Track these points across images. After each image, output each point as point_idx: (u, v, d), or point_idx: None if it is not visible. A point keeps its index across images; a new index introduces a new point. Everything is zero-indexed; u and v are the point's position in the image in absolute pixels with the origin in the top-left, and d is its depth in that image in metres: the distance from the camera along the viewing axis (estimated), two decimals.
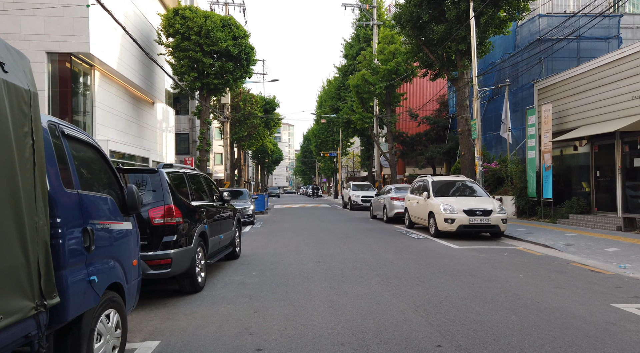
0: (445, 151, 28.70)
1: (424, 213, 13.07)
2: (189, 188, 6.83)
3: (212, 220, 7.44)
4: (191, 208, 6.50)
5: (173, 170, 6.52)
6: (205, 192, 7.75)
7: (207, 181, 8.12)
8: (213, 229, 7.42)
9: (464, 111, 16.40)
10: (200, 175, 7.82)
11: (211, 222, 7.34)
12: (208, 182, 8.20)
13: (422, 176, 14.52)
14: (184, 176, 6.83)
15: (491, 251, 9.84)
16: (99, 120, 18.01)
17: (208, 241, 6.99)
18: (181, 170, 6.88)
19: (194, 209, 6.58)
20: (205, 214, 7.05)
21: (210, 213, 7.41)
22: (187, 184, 6.84)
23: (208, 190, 7.91)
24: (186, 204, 6.36)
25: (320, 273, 7.58)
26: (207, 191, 7.84)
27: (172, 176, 6.38)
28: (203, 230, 6.71)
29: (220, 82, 22.27)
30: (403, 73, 25.34)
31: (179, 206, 6.01)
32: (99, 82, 18.12)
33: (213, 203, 7.87)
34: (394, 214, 16.73)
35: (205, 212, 7.03)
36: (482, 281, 6.77)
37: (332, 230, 14.78)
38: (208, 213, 7.23)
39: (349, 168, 64.78)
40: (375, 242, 11.40)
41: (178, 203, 6.05)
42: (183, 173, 6.85)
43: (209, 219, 7.23)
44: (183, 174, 6.84)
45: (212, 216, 7.44)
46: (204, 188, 7.72)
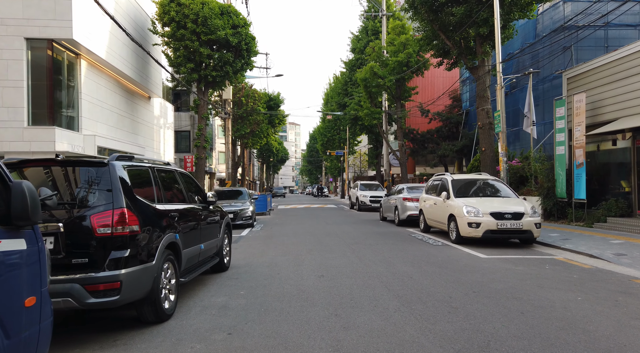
0: (459, 148, 27.07)
1: (442, 216, 11.53)
2: (156, 187, 5.37)
3: (189, 227, 5.97)
4: (157, 213, 5.03)
5: (133, 163, 5.05)
6: (182, 192, 6.28)
7: (185, 179, 6.65)
8: (189, 238, 5.95)
9: (485, 102, 14.81)
10: (175, 171, 6.34)
11: (187, 229, 5.87)
12: (187, 180, 6.73)
13: (439, 175, 12.98)
14: (149, 171, 5.36)
15: (527, 262, 8.29)
16: (85, 114, 16.64)
17: (181, 254, 5.52)
18: (146, 164, 5.41)
19: (160, 213, 5.12)
20: (179, 220, 5.58)
21: (187, 219, 5.95)
22: (154, 182, 5.37)
23: (186, 190, 6.44)
24: (149, 207, 4.89)
25: (323, 292, 6.08)
26: (185, 190, 6.37)
27: (132, 171, 4.91)
28: (173, 240, 5.23)
29: (219, 75, 20.82)
30: (414, 65, 23.76)
31: (136, 211, 4.55)
32: (85, 73, 16.74)
33: (193, 205, 6.41)
34: (406, 216, 15.19)
35: (178, 217, 5.57)
36: (533, 307, 5.23)
37: (338, 234, 13.28)
38: (183, 219, 5.76)
39: (355, 167, 63.21)
40: (388, 250, 9.88)
41: (135, 206, 4.59)
42: (148, 168, 5.37)
43: (184, 226, 5.76)
44: (148, 169, 5.36)
45: (189, 222, 5.97)
46: (179, 187, 6.25)
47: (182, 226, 5.69)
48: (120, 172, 4.61)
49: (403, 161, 25.95)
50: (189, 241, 5.90)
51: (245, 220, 15.88)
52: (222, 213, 7.91)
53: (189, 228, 5.96)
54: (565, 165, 14.02)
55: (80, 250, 4.22)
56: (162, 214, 5.17)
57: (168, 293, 5.11)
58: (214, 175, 46.18)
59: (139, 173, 5.15)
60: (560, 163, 14.21)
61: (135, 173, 5.03)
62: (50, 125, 14.63)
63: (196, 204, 6.64)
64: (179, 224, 5.56)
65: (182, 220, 5.71)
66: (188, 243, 5.86)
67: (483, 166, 14.95)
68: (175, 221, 5.48)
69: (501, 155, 13.32)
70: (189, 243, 5.89)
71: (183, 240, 5.63)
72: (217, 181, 47.27)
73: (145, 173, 5.28)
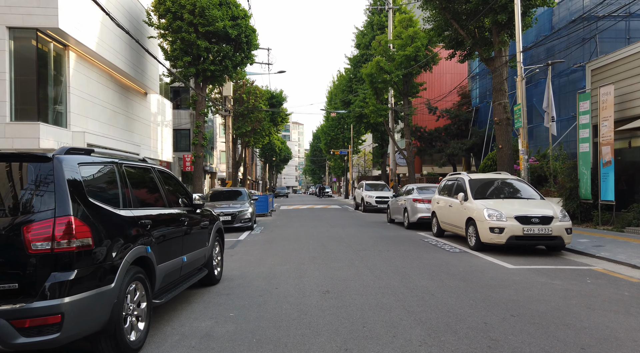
0: (468, 147, 25.96)
1: (459, 220, 10.46)
2: (124, 188, 4.33)
3: (168, 236, 4.95)
4: (121, 221, 4.00)
5: (92, 159, 4.02)
6: (160, 194, 5.24)
7: (166, 179, 5.61)
8: (168, 249, 4.93)
9: (502, 96, 13.72)
10: (152, 169, 5.30)
11: (165, 239, 4.85)
12: (168, 180, 5.70)
13: (454, 174, 11.92)
14: (114, 169, 4.32)
15: (563, 274, 7.21)
16: (74, 109, 15.65)
17: (155, 270, 4.49)
18: (110, 159, 4.37)
19: (127, 221, 4.09)
20: (153, 228, 4.56)
21: (165, 226, 4.93)
22: (121, 182, 4.33)
23: (166, 191, 5.40)
24: (110, 214, 3.86)
25: (329, 315, 5.04)
26: (164, 192, 5.33)
27: (89, 168, 3.89)
28: (142, 253, 4.20)
29: (218, 69, 19.80)
30: (423, 59, 22.68)
31: (90, 219, 3.52)
32: (74, 65, 15.75)
33: (174, 209, 5.38)
34: (417, 219, 14.12)
35: (152, 225, 4.54)
36: (594, 340, 4.17)
37: (344, 238, 12.23)
38: (159, 226, 4.74)
39: (360, 166, 62.15)
40: (400, 258, 8.82)
41: (90, 212, 3.56)
42: (113, 165, 4.34)
43: (161, 235, 4.74)
44: (113, 166, 4.33)
45: (167, 230, 4.95)
46: (156, 189, 5.21)
47: (158, 235, 4.67)
48: (69, 169, 3.58)
49: (410, 160, 24.87)
50: (166, 254, 4.87)
51: (244, 223, 14.86)
52: (212, 218, 6.88)
53: (167, 238, 4.93)
54: (590, 164, 12.92)
55: (9, 272, 3.19)
56: (130, 222, 4.14)
57: (135, 321, 4.08)
58: (215, 175, 45.22)
59: (100, 170, 4.12)
60: (585, 161, 13.11)
61: (94, 170, 4.00)
62: (34, 121, 13.65)
63: (179, 208, 5.62)
64: (153, 233, 4.53)
65: (157, 228, 4.68)
66: (165, 256, 4.83)
67: (500, 165, 13.87)
68: (148, 229, 4.45)
69: (522, 153, 12.23)
70: (166, 256, 4.86)
71: (158, 252, 4.60)
72: (218, 181, 46.34)
73: (109, 171, 4.24)
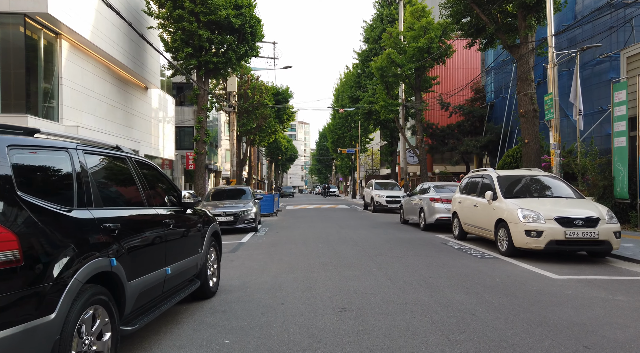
0: (483, 144, 24.76)
1: (486, 221, 9.35)
2: (81, 182, 3.28)
3: (145, 243, 3.91)
4: (71, 225, 2.96)
5: (32, 141, 2.98)
6: (138, 190, 4.19)
7: (146, 172, 4.56)
8: (145, 260, 3.88)
9: (528, 86, 12.58)
10: (128, 159, 4.24)
11: (140, 247, 3.80)
12: (149, 173, 4.65)
13: (478, 171, 10.81)
14: (69, 156, 3.27)
15: (622, 287, 6.09)
16: (67, 102, 14.68)
17: (124, 288, 3.44)
18: (63, 144, 3.32)
19: (81, 226, 3.04)
20: (124, 233, 3.51)
21: (141, 231, 3.89)
22: (78, 174, 3.28)
23: (145, 187, 4.34)
24: (54, 216, 2.82)
25: (349, 343, 3.97)
26: (142, 188, 4.27)
27: (24, 154, 2.85)
28: (105, 268, 3.16)
29: (221, 61, 18.77)
30: (436, 51, 21.53)
31: (15, 223, 2.48)
32: (67, 55, 14.78)
33: (154, 210, 4.33)
34: (435, 220, 13.02)
35: (121, 230, 3.49)
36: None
37: (356, 241, 11.15)
38: (132, 231, 3.69)
39: (367, 165, 60.98)
40: (423, 265, 7.73)
41: (19, 213, 2.53)
42: (66, 150, 3.28)
43: (135, 242, 3.70)
44: (66, 152, 3.27)
45: (144, 236, 3.91)
46: (132, 184, 4.16)
47: (131, 242, 3.62)
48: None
49: (423, 158, 23.73)
50: (143, 266, 3.83)
51: (248, 223, 13.82)
52: (207, 219, 5.84)
53: (143, 245, 3.89)
54: (627, 160, 11.75)
55: None
56: (87, 227, 3.10)
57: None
58: (219, 173, 44.30)
59: (45, 158, 3.08)
60: (621, 157, 11.94)
61: (34, 157, 2.96)
62: (22, 114, 12.70)
63: (163, 208, 4.57)
64: (123, 240, 3.49)
65: (130, 234, 3.64)
66: (141, 269, 3.79)
67: (526, 161, 12.72)
68: (116, 235, 3.41)
69: (553, 147, 11.09)
70: (143, 269, 3.82)
71: (130, 264, 3.56)
72: (223, 180, 45.42)
73: (58, 159, 3.20)
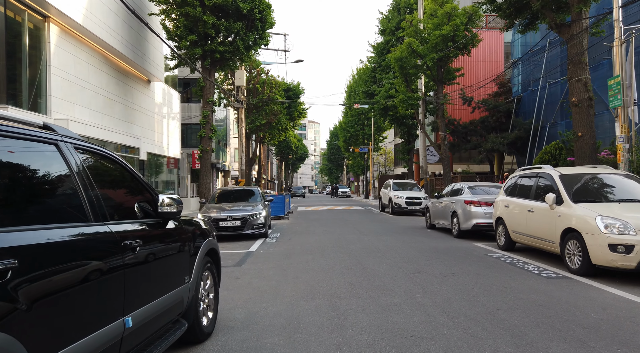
0: (510, 141, 22.91)
1: (548, 230, 7.65)
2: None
3: (77, 288, 2.29)
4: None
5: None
6: (79, 196, 2.58)
7: (97, 166, 2.95)
8: (77, 316, 2.27)
9: (581, 71, 10.83)
10: (63, 144, 2.63)
11: (65, 297, 2.19)
12: (101, 167, 3.04)
13: (532, 168, 9.10)
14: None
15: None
16: (57, 93, 13.20)
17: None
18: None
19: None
20: (24, 275, 1.90)
21: (72, 266, 2.27)
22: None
23: (91, 191, 2.72)
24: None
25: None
26: (86, 193, 2.65)
27: None
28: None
29: (228, 50, 17.23)
30: (461, 39, 19.77)
31: None
32: (57, 41, 13.30)
33: (112, 226, 2.71)
34: (472, 225, 11.31)
35: (22, 269, 1.88)
36: None
37: (382, 251, 9.49)
38: (51, 271, 2.08)
39: (380, 165, 59.20)
40: (480, 288, 6.04)
41: None
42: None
43: (54, 286, 2.08)
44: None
45: (77, 273, 2.30)
46: (67, 184, 2.55)
47: (42, 291, 2.02)
48: None
49: (445, 156, 21.98)
50: (72, 327, 2.22)
51: (257, 229, 12.24)
52: (200, 232, 4.23)
53: (75, 291, 2.28)
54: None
55: None
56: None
57: None
58: (228, 173, 42.89)
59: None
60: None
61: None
62: (2, 104, 11.24)
63: (124, 222, 2.96)
64: (22, 290, 1.88)
65: (41, 276, 2.03)
66: (70, 330, 2.18)
67: (579, 158, 10.97)
68: (6, 283, 1.80)
69: (620, 141, 9.33)
70: (72, 332, 2.21)
71: (42, 330, 1.95)
72: (232, 180, 44.01)
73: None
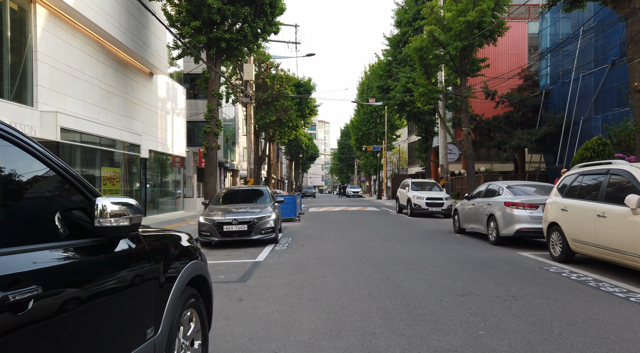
0: (539, 137, 21.22)
1: (628, 241, 6.09)
2: None
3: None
4: None
5: None
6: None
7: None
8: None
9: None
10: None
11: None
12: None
13: (601, 164, 7.53)
14: None
15: None
16: (44, 82, 11.89)
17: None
18: None
19: None
20: None
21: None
22: None
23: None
24: None
25: None
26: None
27: None
28: None
29: (235, 38, 15.84)
30: (488, 26, 18.16)
31: None
32: (45, 25, 11.99)
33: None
34: (514, 231, 9.75)
35: None
36: None
37: (414, 262, 7.99)
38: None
39: (392, 164, 57.53)
40: (560, 320, 4.51)
41: None
42: None
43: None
44: None
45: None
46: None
47: None
48: None
49: (469, 154, 20.36)
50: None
51: (266, 234, 10.79)
52: (175, 252, 2.78)
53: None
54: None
55: None
56: None
57: None
58: (237, 172, 41.60)
59: None
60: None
61: None
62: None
63: (15, 250, 1.52)
64: None
65: None
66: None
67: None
68: None
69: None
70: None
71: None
72: (241, 180, 42.71)
73: None
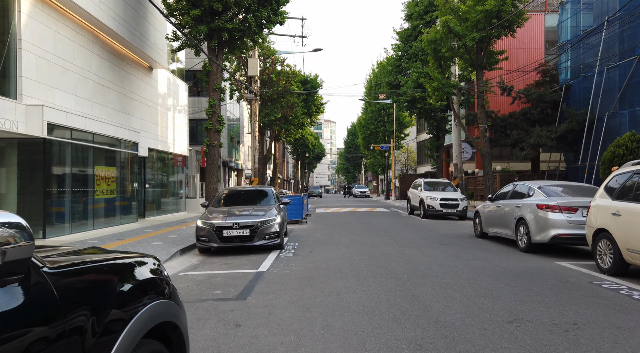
0: (560, 134, 20.01)
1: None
2: None
3: None
4: None
5: None
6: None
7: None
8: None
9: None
10: None
11: None
12: None
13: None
14: None
15: None
16: (29, 73, 10.92)
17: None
18: None
19: None
20: None
21: None
22: None
23: None
24: None
25: None
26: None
27: None
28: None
29: (237, 28, 14.82)
30: (507, 15, 17.02)
31: None
32: (30, 10, 11.02)
33: None
34: (550, 238, 8.64)
35: None
36: None
37: (440, 275, 6.92)
38: None
39: (401, 163, 56.38)
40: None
41: None
42: None
43: None
44: None
45: None
46: None
47: None
48: None
49: (486, 152, 19.24)
50: None
51: (270, 239, 9.75)
52: (122, 289, 1.74)
53: None
54: None
55: None
56: None
57: None
58: (242, 172, 40.65)
59: None
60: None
61: None
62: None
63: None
64: None
65: None
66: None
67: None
68: None
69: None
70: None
71: None
72: (246, 180, 41.75)
73: None
